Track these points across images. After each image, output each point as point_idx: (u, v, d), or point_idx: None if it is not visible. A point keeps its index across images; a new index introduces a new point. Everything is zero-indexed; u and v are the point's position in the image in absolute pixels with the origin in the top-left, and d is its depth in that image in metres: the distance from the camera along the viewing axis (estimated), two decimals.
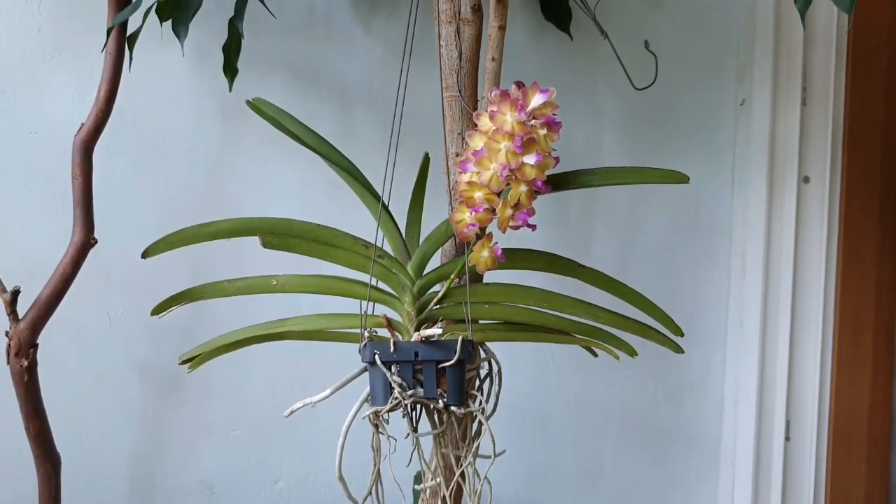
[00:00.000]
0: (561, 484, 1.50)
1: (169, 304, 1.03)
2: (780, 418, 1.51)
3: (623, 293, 1.03)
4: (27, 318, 1.09)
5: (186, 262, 1.24)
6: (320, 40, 1.35)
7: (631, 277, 1.06)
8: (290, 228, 0.99)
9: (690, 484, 1.55)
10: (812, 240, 1.51)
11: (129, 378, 1.33)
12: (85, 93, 1.26)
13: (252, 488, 1.38)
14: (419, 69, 1.06)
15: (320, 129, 1.05)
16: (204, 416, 1.36)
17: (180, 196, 1.32)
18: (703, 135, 1.51)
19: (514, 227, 0.92)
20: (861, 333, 1.54)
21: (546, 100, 0.90)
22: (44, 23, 1.27)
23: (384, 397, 0.93)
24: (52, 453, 1.13)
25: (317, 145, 1.03)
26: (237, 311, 1.15)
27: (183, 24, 1.09)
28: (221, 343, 1.04)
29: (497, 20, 1.01)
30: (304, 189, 1.35)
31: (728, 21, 1.51)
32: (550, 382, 1.48)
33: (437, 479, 1.01)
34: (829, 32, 1.50)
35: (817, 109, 1.50)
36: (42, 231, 1.27)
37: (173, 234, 1.00)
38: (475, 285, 1.00)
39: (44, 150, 1.27)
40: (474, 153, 0.90)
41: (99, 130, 1.11)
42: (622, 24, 1.40)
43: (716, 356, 1.54)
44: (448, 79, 1.00)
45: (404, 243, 1.01)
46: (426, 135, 1.13)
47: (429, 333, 0.95)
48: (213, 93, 1.30)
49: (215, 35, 1.24)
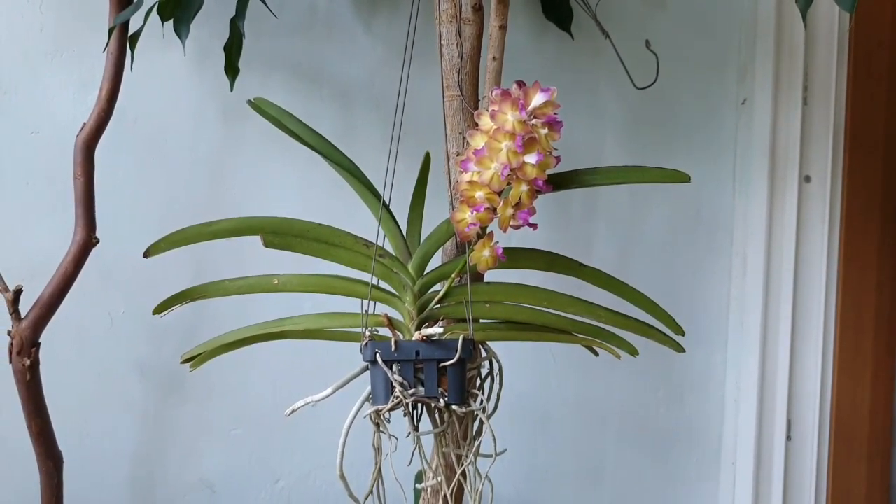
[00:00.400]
0: (562, 483, 1.50)
1: (170, 303, 1.03)
2: (782, 418, 1.51)
3: (624, 292, 1.03)
4: (29, 317, 1.09)
5: (188, 262, 1.24)
6: (321, 40, 1.35)
7: (632, 277, 1.06)
8: (291, 228, 0.99)
9: (691, 483, 1.55)
10: (813, 239, 1.51)
11: (131, 377, 1.33)
12: (86, 92, 1.27)
13: (253, 487, 1.38)
14: (420, 68, 1.06)
15: (321, 128, 1.05)
16: (205, 415, 1.36)
17: (182, 195, 1.32)
18: (704, 134, 1.51)
19: (515, 227, 0.92)
20: (862, 333, 1.54)
21: (547, 99, 0.90)
22: (45, 22, 1.27)
23: (385, 396, 0.93)
24: (54, 452, 1.14)
25: (318, 144, 1.03)
26: (238, 311, 1.15)
27: (184, 24, 1.09)
28: (222, 342, 1.04)
29: (498, 19, 1.01)
30: (306, 188, 1.35)
31: (729, 20, 1.51)
32: (551, 382, 1.48)
33: (438, 478, 1.01)
34: (830, 32, 1.50)
35: (819, 109, 1.50)
36: (44, 230, 1.27)
37: (175, 234, 1.00)
38: (476, 284, 1.00)
39: (45, 149, 1.27)
40: (475, 152, 0.90)
41: (101, 130, 1.11)
42: (623, 23, 1.40)
43: (717, 356, 1.54)
44: (449, 78, 1.00)
45: (405, 242, 1.01)
46: (427, 134, 1.13)
47: (430, 332, 0.95)
48: (214, 92, 1.31)
49: (217, 35, 1.24)
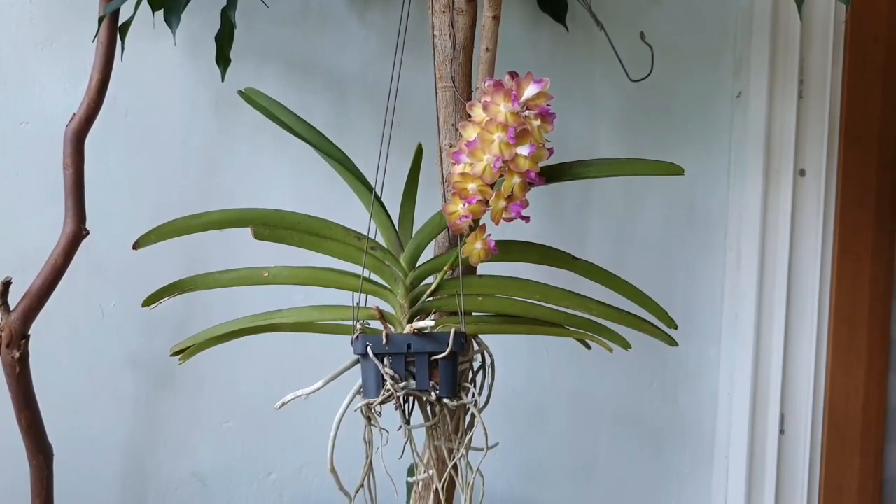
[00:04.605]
0: (555, 477, 1.49)
1: (160, 295, 1.02)
2: (775, 412, 1.51)
3: (617, 286, 1.03)
4: (18, 309, 1.08)
5: (180, 254, 1.24)
6: (314, 30, 1.34)
7: (626, 270, 1.05)
8: (281, 220, 0.99)
9: (684, 477, 1.55)
10: (808, 233, 1.50)
11: (122, 370, 1.32)
12: (77, 83, 1.25)
13: (245, 480, 1.38)
14: (413, 60, 1.05)
15: (314, 119, 1.05)
16: (197, 409, 1.35)
17: (173, 187, 1.31)
18: (699, 127, 1.51)
19: (508, 219, 0.92)
20: (856, 327, 1.54)
21: (540, 90, 0.89)
22: (35, 12, 1.26)
23: (376, 389, 0.93)
24: (44, 445, 1.13)
25: (309, 135, 1.03)
26: (230, 303, 1.15)
27: (175, 14, 1.09)
28: (212, 335, 1.03)
29: (491, 10, 1.00)
30: (298, 180, 1.34)
31: (725, 13, 1.50)
32: (544, 375, 1.47)
33: (429, 471, 1.01)
34: (826, 25, 1.49)
35: (814, 102, 1.49)
36: (33, 222, 1.26)
37: (164, 225, 1.00)
38: (468, 277, 0.99)
39: (35, 140, 1.26)
40: (467, 144, 0.90)
41: (90, 120, 1.10)
42: (618, 15, 1.40)
43: (710, 349, 1.54)
44: (442, 69, 1.00)
45: (397, 235, 1.01)
46: (420, 125, 1.12)
47: (421, 325, 0.94)
48: (206, 83, 1.30)
49: (208, 25, 1.23)
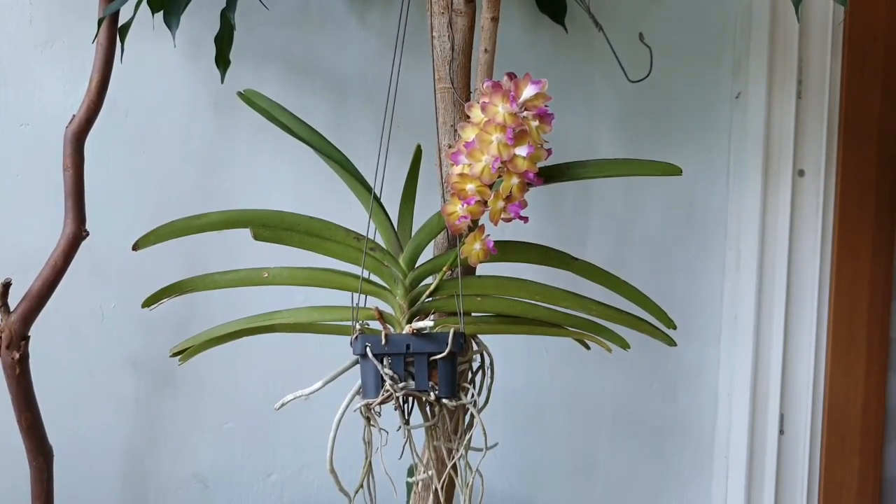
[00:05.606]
0: (554, 477, 1.50)
1: (160, 296, 1.03)
2: (774, 412, 1.51)
3: (616, 286, 1.03)
4: (18, 310, 1.08)
5: (180, 255, 1.24)
6: (314, 32, 1.35)
7: (625, 270, 1.05)
8: (281, 220, 0.99)
9: (684, 477, 1.55)
10: (807, 233, 1.51)
11: (122, 371, 1.32)
12: (77, 84, 1.26)
13: (245, 481, 1.38)
14: (413, 61, 1.05)
15: (314, 120, 1.05)
16: (197, 409, 1.35)
17: (173, 188, 1.31)
18: (698, 128, 1.51)
19: (506, 220, 0.92)
20: (855, 327, 1.54)
21: (538, 91, 0.89)
22: (35, 13, 1.26)
23: (375, 390, 0.93)
24: (45, 446, 1.13)
25: (308, 137, 1.03)
26: (230, 304, 1.15)
27: (174, 16, 1.09)
28: (212, 336, 1.03)
29: (490, 11, 1.00)
30: (298, 181, 1.34)
31: (724, 13, 1.51)
32: (544, 375, 1.47)
33: (429, 471, 1.01)
34: (824, 25, 1.49)
35: (813, 103, 1.49)
36: (33, 223, 1.26)
37: (164, 227, 1.00)
38: (467, 278, 1.00)
39: (35, 141, 1.26)
40: (466, 145, 0.90)
41: (90, 122, 1.10)
42: (617, 16, 1.40)
43: (710, 350, 1.54)
44: (441, 70, 1.00)
45: (396, 236, 1.01)
46: (419, 127, 1.12)
47: (420, 326, 0.94)
48: (206, 84, 1.30)
49: (208, 26, 1.24)
